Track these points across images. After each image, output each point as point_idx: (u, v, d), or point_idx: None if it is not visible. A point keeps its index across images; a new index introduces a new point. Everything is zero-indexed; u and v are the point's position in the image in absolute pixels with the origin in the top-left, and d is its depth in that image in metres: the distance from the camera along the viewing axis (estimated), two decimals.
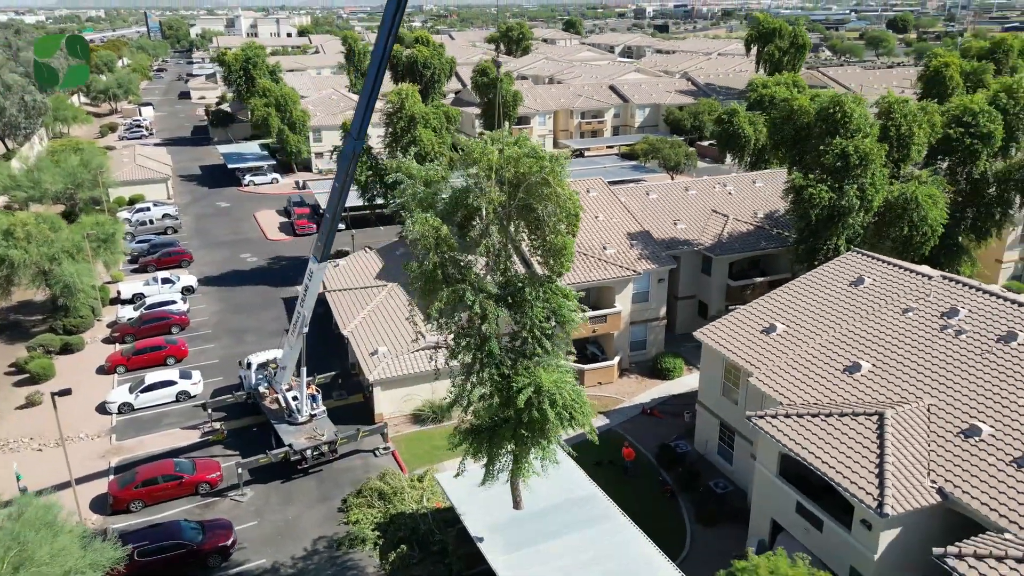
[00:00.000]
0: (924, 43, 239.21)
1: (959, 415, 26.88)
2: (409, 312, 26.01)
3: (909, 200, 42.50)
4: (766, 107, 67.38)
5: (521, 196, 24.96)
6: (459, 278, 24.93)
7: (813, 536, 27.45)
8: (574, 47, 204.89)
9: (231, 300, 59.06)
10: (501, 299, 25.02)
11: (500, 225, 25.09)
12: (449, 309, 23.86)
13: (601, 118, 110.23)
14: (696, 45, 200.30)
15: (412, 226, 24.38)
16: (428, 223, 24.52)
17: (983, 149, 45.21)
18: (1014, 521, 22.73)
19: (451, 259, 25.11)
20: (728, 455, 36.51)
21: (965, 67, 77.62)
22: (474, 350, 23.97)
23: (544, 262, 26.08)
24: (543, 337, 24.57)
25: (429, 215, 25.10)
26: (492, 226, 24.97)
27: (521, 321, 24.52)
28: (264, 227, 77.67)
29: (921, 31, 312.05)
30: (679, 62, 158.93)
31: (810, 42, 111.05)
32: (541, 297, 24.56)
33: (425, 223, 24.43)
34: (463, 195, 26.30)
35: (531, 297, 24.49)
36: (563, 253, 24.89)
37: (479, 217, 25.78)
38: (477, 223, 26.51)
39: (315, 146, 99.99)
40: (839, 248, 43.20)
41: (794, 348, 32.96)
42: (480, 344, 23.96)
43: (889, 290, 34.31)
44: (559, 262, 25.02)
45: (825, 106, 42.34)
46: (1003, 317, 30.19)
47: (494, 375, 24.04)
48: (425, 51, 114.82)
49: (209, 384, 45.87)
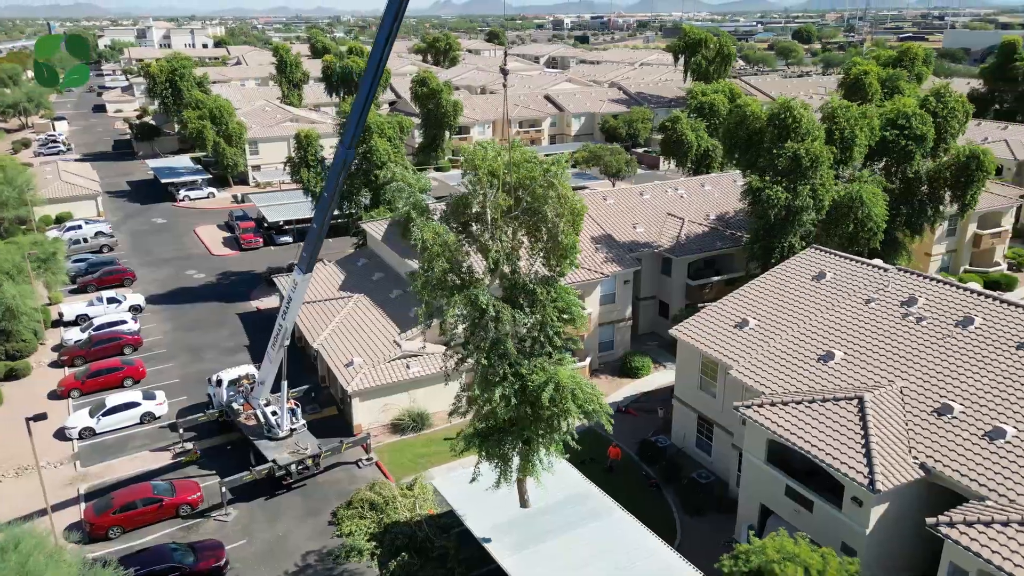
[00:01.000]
0: (829, 53, 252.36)
1: (930, 395, 28.93)
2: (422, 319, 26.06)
3: (854, 199, 45.29)
4: (706, 114, 70.21)
5: (527, 200, 25.66)
6: (468, 282, 25.38)
7: (803, 517, 28.93)
8: (501, 58, 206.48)
9: (183, 318, 57.29)
10: (509, 300, 25.62)
11: (508, 228, 25.69)
12: (463, 314, 24.22)
13: (539, 127, 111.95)
14: (619, 56, 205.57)
15: (421, 233, 24.71)
16: (435, 230, 24.91)
17: (916, 150, 48.59)
18: (993, 489, 24.69)
19: (458, 264, 25.56)
20: (707, 447, 37.93)
21: (881, 74, 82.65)
22: (487, 352, 24.35)
23: (547, 262, 26.81)
24: (555, 335, 25.29)
25: (434, 222, 25.51)
26: (499, 230, 25.53)
27: (534, 320, 25.16)
28: (207, 242, 75.52)
29: (825, 42, 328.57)
30: (605, 72, 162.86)
31: (735, 52, 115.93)
32: (552, 296, 25.27)
33: (433, 230, 24.80)
34: (463, 201, 26.82)
35: (543, 297, 25.17)
36: (573, 252, 25.73)
37: (483, 221, 26.33)
38: (477, 227, 27.09)
39: (252, 159, 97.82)
40: (793, 246, 45.53)
41: (768, 341, 34.64)
42: (493, 345, 24.37)
43: (850, 283, 36.48)
44: (568, 261, 25.86)
45: (776, 111, 44.66)
46: (958, 304, 32.62)
47: (508, 374, 24.48)
48: (361, 62, 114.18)
49: (173, 404, 44.46)
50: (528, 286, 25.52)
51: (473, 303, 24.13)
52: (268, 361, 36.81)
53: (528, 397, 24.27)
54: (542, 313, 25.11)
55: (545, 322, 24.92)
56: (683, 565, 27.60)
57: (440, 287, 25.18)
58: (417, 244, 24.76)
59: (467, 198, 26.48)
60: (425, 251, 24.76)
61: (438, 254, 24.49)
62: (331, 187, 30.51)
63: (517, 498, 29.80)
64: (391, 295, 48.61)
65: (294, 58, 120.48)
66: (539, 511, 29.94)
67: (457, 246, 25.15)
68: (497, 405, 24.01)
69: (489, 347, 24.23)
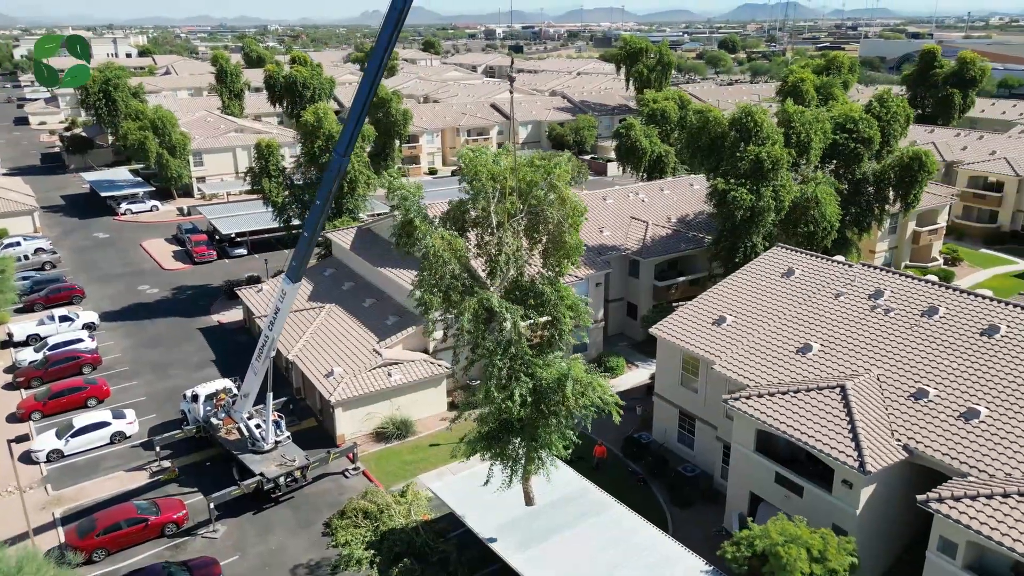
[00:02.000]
0: (755, 62, 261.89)
1: (905, 381, 30.72)
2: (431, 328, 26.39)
3: (811, 199, 47.52)
4: (658, 120, 72.23)
5: (532, 203, 26.29)
6: (475, 286, 25.79)
7: (793, 502, 30.26)
8: (439, 67, 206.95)
9: (141, 335, 55.56)
10: (516, 301, 26.15)
11: (513, 231, 26.23)
12: (479, 318, 24.58)
13: (487, 135, 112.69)
14: (557, 65, 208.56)
15: (429, 240, 24.95)
16: (445, 237, 25.24)
17: (864, 152, 51.28)
18: (973, 466, 26.43)
19: (466, 269, 25.96)
20: (689, 441, 39.13)
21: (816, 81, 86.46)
22: (501, 353, 24.75)
23: (547, 262, 27.48)
24: (564, 332, 25.98)
25: (441, 229, 25.83)
26: (506, 233, 26.05)
27: (544, 319, 25.79)
28: (157, 257, 73.32)
29: (749, 51, 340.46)
30: (546, 81, 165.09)
31: (675, 60, 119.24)
32: (561, 295, 25.96)
33: (442, 237, 25.13)
34: (462, 206, 27.24)
35: (553, 296, 25.82)
36: (577, 251, 26.49)
37: (485, 225, 26.80)
38: (477, 231, 27.55)
39: (196, 170, 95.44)
40: (756, 246, 47.42)
41: (747, 336, 36.07)
42: (505, 347, 24.81)
43: (818, 279, 38.31)
44: (572, 260, 26.62)
45: (738, 116, 46.52)
46: (921, 295, 34.71)
47: (522, 374, 24.94)
48: (304, 71, 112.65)
49: (143, 422, 43.16)
50: (537, 287, 26.12)
51: (485, 306, 24.53)
52: (252, 373, 36.22)
53: (541, 395, 24.81)
54: (553, 312, 25.76)
55: (558, 318, 25.59)
56: (685, 553, 28.52)
57: (450, 292, 25.49)
58: (427, 251, 24.92)
59: (467, 203, 26.93)
60: (432, 258, 24.96)
61: (447, 260, 24.80)
62: (324, 194, 30.39)
63: (513, 499, 30.25)
64: (364, 304, 48.40)
65: (234, 67, 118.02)
66: (539, 510, 30.43)
67: (465, 252, 25.54)
68: (513, 405, 24.42)
69: (503, 349, 24.64)
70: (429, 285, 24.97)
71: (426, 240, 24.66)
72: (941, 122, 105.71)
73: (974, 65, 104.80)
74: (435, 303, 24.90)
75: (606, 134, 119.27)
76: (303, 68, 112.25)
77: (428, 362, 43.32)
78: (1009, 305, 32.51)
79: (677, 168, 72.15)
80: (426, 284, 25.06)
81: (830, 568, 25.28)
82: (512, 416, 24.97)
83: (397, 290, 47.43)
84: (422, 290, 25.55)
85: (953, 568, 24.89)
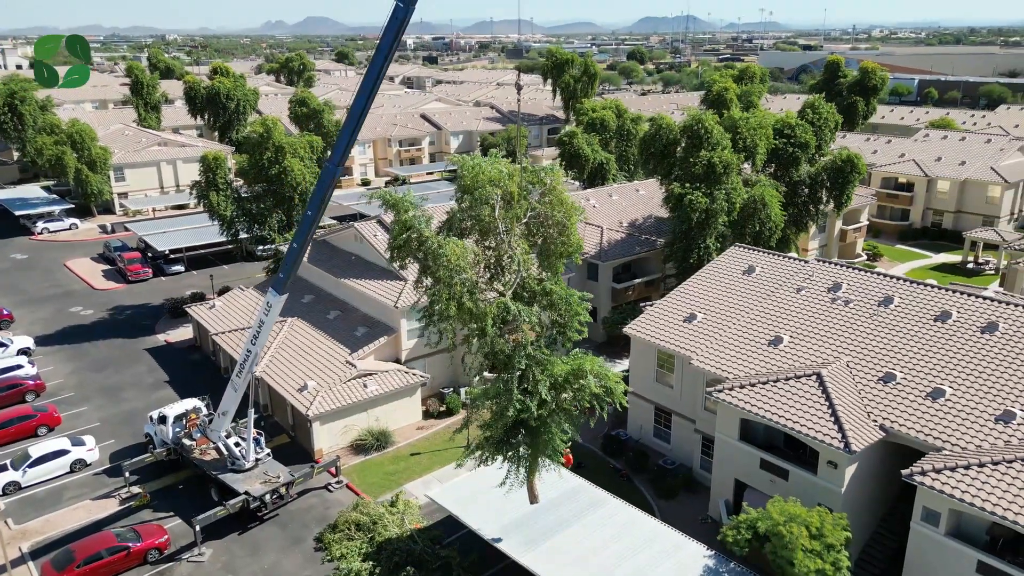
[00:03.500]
0: (664, 73, 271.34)
1: (873, 366, 32.97)
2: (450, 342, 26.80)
3: (758, 201, 50.12)
4: (598, 129, 74.23)
5: (535, 206, 27.03)
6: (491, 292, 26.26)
7: (779, 485, 31.92)
8: (357, 78, 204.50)
9: (84, 358, 52.87)
10: (525, 302, 26.76)
11: (520, 234, 26.88)
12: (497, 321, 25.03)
13: (419, 145, 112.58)
14: (476, 76, 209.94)
15: (447, 250, 25.22)
16: (460, 245, 25.61)
17: (802, 156, 54.47)
18: (946, 441, 28.70)
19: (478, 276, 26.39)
20: (665, 435, 40.53)
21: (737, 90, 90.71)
22: (519, 354, 25.25)
23: (543, 263, 28.26)
24: (569, 329, 26.81)
25: (454, 238, 26.14)
26: (513, 237, 26.66)
27: (553, 318, 26.52)
28: (85, 276, 69.76)
29: (656, 63, 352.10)
30: (469, 91, 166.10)
31: (600, 71, 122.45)
32: (565, 295, 26.77)
33: (457, 246, 25.48)
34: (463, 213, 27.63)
35: (564, 295, 26.60)
36: (579, 249, 27.47)
37: (489, 231, 27.31)
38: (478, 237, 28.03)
39: (118, 186, 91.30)
40: (709, 247, 49.58)
41: (719, 331, 37.79)
42: (523, 347, 25.34)
43: (778, 275, 40.52)
44: (574, 259, 27.62)
45: (690, 123, 48.63)
46: (876, 286, 37.29)
47: (534, 371, 25.53)
48: (227, 82, 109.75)
49: (102, 448, 41.20)
50: (546, 287, 26.81)
51: (507, 310, 25.02)
52: (233, 390, 35.23)
53: (559, 391, 25.52)
54: (563, 311, 26.54)
55: (568, 316, 26.39)
56: (686, 540, 29.65)
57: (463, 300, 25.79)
58: (443, 261, 25.11)
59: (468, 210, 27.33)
60: (450, 267, 25.20)
61: (463, 268, 25.16)
62: (316, 205, 30.09)
63: (511, 501, 30.82)
64: (328, 316, 47.76)
65: (151, 79, 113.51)
66: (539, 509, 30.98)
67: (479, 259, 25.97)
68: (532, 403, 24.96)
69: (522, 349, 25.15)
70: (445, 295, 25.14)
71: (443, 250, 24.87)
72: (846, 128, 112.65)
73: (875, 74, 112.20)
74: (452, 311, 25.09)
75: (536, 143, 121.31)
76: (226, 79, 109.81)
77: (402, 372, 43.21)
78: (956, 293, 35.41)
79: (617, 175, 74.29)
80: (442, 294, 25.21)
81: (828, 543, 26.92)
82: (530, 415, 25.45)
83: (363, 301, 47.07)
84: (438, 301, 25.61)
85: (937, 536, 26.97)
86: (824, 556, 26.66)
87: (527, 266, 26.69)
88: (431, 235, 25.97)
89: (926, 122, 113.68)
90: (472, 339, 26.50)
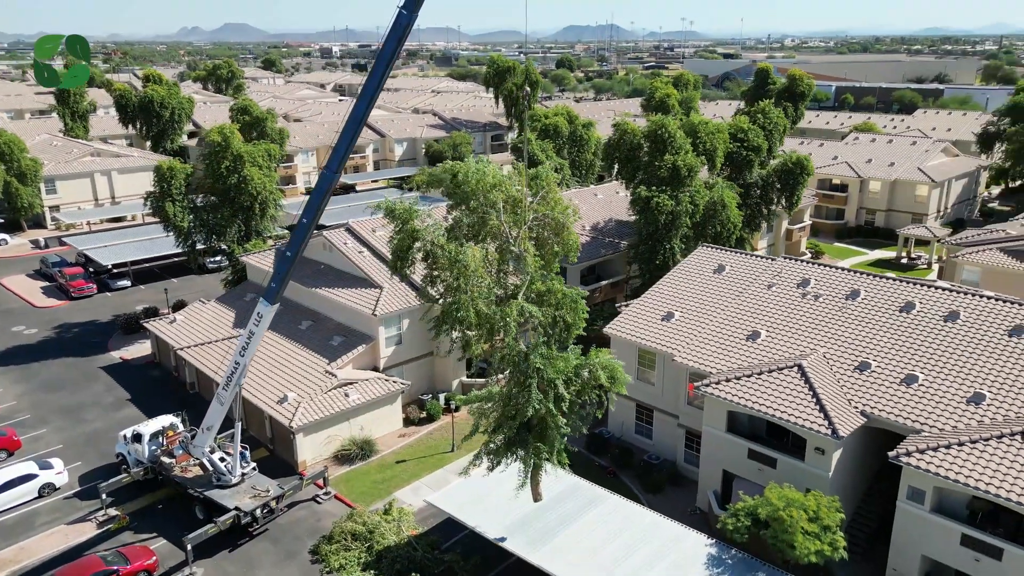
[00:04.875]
0: (595, 80, 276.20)
1: (847, 356, 34.73)
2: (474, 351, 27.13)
3: (717, 203, 51.96)
4: (551, 135, 75.36)
5: (537, 207, 27.62)
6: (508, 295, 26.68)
7: (767, 473, 33.23)
8: (291, 86, 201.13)
9: (34, 379, 50.42)
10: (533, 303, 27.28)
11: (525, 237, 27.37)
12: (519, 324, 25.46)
13: (363, 153, 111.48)
14: (411, 83, 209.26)
15: (467, 259, 25.51)
16: (478, 252, 25.96)
17: (755, 159, 56.73)
18: (923, 424, 30.51)
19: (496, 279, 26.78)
20: (647, 431, 41.52)
21: (678, 96, 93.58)
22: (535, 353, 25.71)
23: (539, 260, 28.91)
24: (572, 326, 27.50)
25: (471, 244, 26.44)
26: (520, 239, 27.14)
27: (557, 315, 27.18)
28: (23, 294, 66.45)
29: (585, 71, 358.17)
30: (407, 99, 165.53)
31: (541, 79, 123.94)
32: (567, 293, 27.43)
33: (476, 252, 25.81)
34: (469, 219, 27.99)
35: (562, 295, 27.19)
36: (576, 249, 28.23)
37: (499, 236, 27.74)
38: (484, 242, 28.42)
39: (49, 199, 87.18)
40: (674, 248, 51.10)
41: (698, 329, 39.06)
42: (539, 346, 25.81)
43: (748, 272, 42.16)
44: (572, 256, 28.40)
45: (653, 128, 50.06)
46: (842, 281, 39.27)
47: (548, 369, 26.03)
48: (160, 90, 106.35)
49: (71, 471, 39.46)
50: (550, 286, 27.37)
51: (522, 313, 25.44)
52: (218, 403, 34.33)
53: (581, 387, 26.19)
54: (567, 308, 27.18)
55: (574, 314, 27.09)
56: (687, 531, 30.56)
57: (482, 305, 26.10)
58: (459, 268, 25.36)
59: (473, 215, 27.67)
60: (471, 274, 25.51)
61: (482, 275, 25.52)
62: (311, 213, 29.78)
63: (511, 502, 31.33)
64: (301, 327, 47.02)
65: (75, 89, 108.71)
66: (540, 508, 31.42)
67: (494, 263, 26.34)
68: (548, 400, 25.42)
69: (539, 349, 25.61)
70: (466, 301, 25.37)
71: (463, 257, 25.15)
72: None
73: (802, 81, 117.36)
74: (472, 317, 25.31)
75: (479, 150, 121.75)
76: (159, 87, 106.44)
77: (382, 380, 42.94)
78: (916, 285, 37.68)
79: (569, 181, 75.50)
80: (463, 300, 25.42)
81: (824, 524, 28.27)
82: (547, 413, 25.88)
83: (336, 310, 46.54)
84: (458, 307, 25.80)
85: (922, 512, 28.67)
86: (822, 537, 27.99)
87: (535, 267, 27.17)
88: (444, 243, 26.16)
89: (850, 126, 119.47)
90: (479, 342, 26.83)
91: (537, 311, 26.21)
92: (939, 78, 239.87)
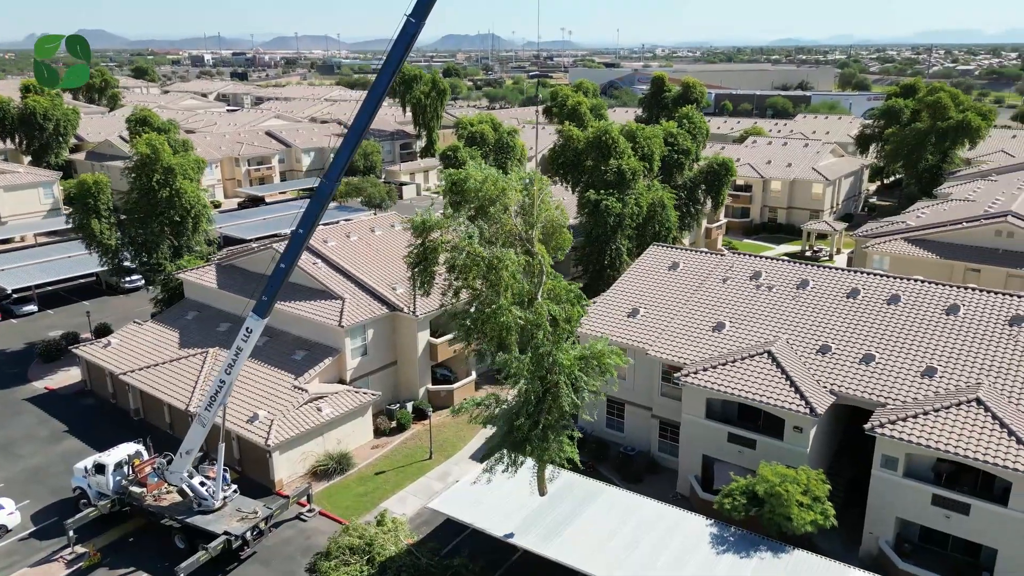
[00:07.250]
0: (488, 89, 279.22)
1: (808, 341, 37.48)
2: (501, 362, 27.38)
3: (657, 204, 54.45)
4: (478, 142, 76.10)
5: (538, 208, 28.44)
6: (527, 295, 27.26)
7: (747, 455, 35.37)
8: (175, 96, 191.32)
9: None
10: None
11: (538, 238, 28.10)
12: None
13: (269, 164, 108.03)
14: (301, 92, 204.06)
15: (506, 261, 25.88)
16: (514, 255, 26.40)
17: (685, 161, 59.76)
18: (887, 398, 33.45)
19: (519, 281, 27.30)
20: (618, 425, 42.94)
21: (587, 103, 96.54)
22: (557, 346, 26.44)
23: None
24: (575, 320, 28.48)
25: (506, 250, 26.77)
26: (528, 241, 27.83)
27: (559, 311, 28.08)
28: None
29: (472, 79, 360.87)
30: (301, 108, 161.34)
31: (448, 88, 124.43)
32: (568, 288, 28.38)
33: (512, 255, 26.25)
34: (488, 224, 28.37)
35: (563, 290, 28.09)
36: (569, 244, 29.43)
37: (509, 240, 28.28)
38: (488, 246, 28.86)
39: None
40: (620, 248, 53.09)
41: (665, 323, 40.91)
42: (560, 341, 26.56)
43: (701, 268, 44.54)
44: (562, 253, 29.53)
45: (598, 135, 51.85)
46: (790, 272, 42.27)
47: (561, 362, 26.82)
48: (43, 101, 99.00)
49: (22, 511, 36.47)
50: (560, 283, 28.18)
51: (539, 312, 26.05)
52: (200, 425, 32.82)
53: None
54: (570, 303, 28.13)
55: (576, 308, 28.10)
56: (687, 515, 32.05)
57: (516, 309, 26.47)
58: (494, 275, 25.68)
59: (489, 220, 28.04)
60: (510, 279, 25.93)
61: (519, 279, 26.03)
62: (309, 224, 29.16)
63: (510, 502, 32.09)
64: (258, 343, 45.26)
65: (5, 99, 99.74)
66: (542, 506, 32.09)
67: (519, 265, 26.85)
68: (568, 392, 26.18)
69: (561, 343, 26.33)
70: (507, 305, 25.66)
71: (504, 262, 25.55)
72: None
73: (695, 88, 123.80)
74: (512, 321, 25.62)
75: (389, 158, 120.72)
76: (41, 98, 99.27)
77: (352, 392, 42.22)
78: (858, 272, 41.15)
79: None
80: (504, 304, 25.67)
81: (815, 496, 30.52)
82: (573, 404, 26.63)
83: (296, 324, 45.29)
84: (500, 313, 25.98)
85: (896, 478, 31.45)
86: (814, 508, 30.21)
87: (548, 267, 27.88)
88: (479, 250, 26.25)
89: (739, 131, 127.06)
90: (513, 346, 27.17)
91: (558, 309, 26.94)
92: (802, 85, 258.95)
